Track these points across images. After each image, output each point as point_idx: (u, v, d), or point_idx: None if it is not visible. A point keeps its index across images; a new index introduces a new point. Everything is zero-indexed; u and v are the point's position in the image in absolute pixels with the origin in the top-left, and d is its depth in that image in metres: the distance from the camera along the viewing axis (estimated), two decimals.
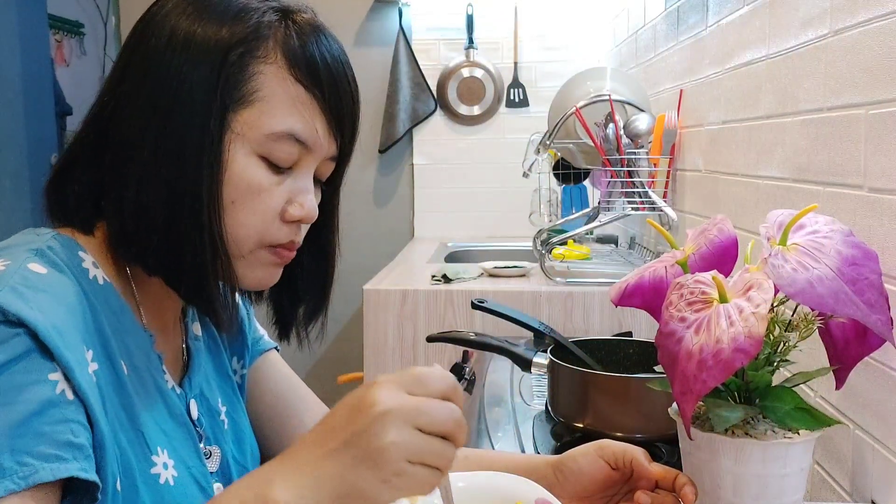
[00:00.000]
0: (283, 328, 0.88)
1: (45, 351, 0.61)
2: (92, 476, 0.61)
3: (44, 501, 0.59)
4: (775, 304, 0.73)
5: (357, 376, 2.11)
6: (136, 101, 0.71)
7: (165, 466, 0.73)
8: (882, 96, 0.87)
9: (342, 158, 0.80)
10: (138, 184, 0.70)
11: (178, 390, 0.79)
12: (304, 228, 0.78)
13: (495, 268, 2.14)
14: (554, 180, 2.60)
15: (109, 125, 0.72)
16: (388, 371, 2.03)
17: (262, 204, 0.73)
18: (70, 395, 0.62)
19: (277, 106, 0.72)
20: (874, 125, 0.89)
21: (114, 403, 0.69)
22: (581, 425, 1.12)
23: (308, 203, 0.75)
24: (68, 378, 0.62)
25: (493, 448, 1.20)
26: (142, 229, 0.71)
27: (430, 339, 1.35)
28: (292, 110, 0.72)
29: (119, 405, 0.70)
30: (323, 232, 0.84)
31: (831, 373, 0.78)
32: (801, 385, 0.78)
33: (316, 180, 0.78)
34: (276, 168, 0.73)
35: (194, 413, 0.81)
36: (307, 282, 0.86)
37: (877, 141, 0.88)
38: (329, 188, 0.82)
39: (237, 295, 0.87)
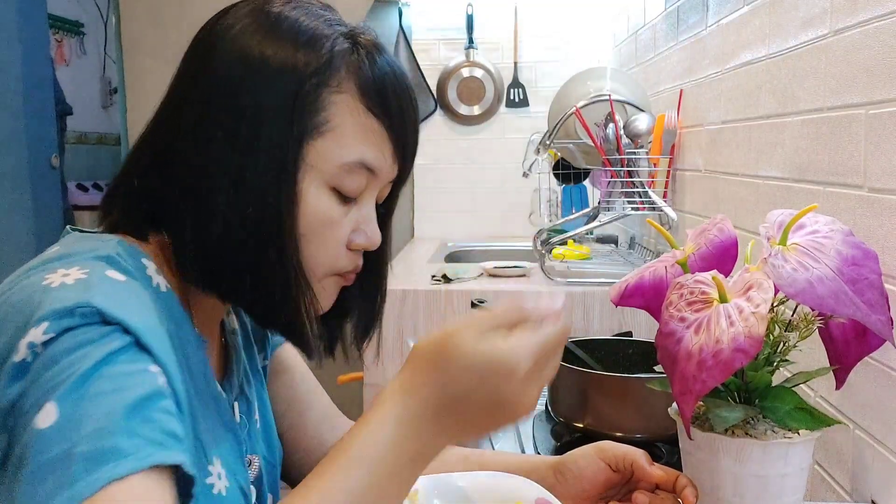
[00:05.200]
0: (330, 344, 0.86)
1: (144, 349, 0.60)
2: (192, 470, 0.58)
3: (162, 485, 0.55)
4: (775, 304, 0.73)
5: (357, 376, 2.11)
6: (206, 126, 0.69)
7: (219, 477, 0.71)
8: (882, 96, 0.87)
9: (400, 180, 0.79)
10: (224, 218, 0.68)
11: (223, 394, 0.78)
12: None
13: (495, 268, 2.13)
14: (554, 180, 2.60)
15: (169, 150, 0.70)
16: (387, 372, 1.99)
17: (332, 237, 0.73)
18: (169, 390, 0.60)
19: (349, 135, 0.71)
20: (874, 125, 0.89)
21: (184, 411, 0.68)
22: (581, 425, 1.12)
23: (372, 231, 0.75)
24: (166, 376, 0.61)
25: (493, 448, 1.20)
26: (227, 265, 0.69)
27: None
28: (363, 139, 0.72)
29: (188, 413, 0.68)
30: (376, 252, 0.82)
31: (831, 373, 0.78)
32: (801, 385, 0.78)
33: None
34: (345, 198, 0.73)
35: (237, 416, 0.79)
36: (356, 298, 0.84)
37: (877, 141, 0.88)
38: (382, 208, 0.80)
39: None
